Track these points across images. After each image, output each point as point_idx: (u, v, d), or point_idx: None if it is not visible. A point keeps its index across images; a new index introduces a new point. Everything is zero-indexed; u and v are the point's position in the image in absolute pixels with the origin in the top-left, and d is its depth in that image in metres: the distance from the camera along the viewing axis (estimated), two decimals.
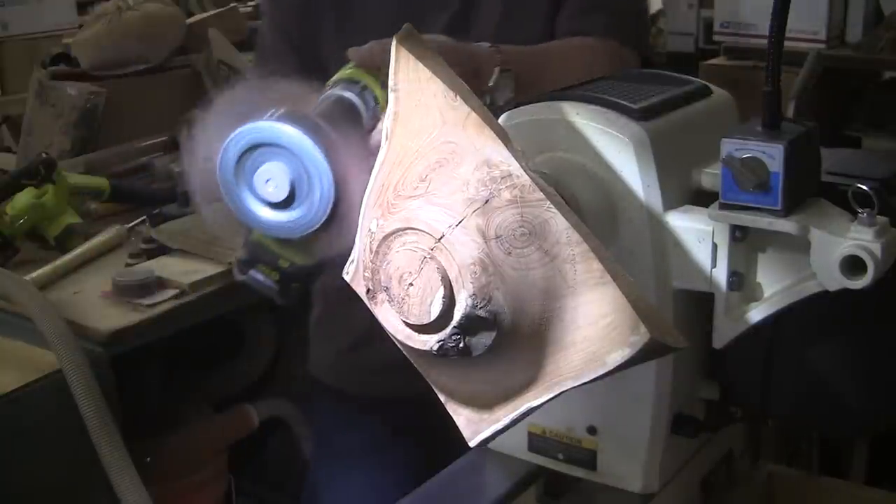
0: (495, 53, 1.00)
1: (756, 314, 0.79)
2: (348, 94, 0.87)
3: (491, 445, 0.91)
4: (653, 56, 1.26)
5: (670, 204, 0.80)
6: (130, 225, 1.84)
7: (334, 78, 0.90)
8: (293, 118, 0.77)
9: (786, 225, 0.74)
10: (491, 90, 0.98)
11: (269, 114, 0.78)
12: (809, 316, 0.78)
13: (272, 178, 0.77)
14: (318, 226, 0.77)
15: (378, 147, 0.71)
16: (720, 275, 0.79)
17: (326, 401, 1.36)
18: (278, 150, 0.77)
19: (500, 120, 0.84)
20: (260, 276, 0.89)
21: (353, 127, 0.83)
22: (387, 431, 1.29)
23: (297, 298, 0.87)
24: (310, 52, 1.22)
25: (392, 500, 0.94)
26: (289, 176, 0.76)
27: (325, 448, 1.39)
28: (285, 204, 0.77)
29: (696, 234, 0.79)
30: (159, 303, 1.57)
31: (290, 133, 0.76)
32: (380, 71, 0.88)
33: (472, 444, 0.69)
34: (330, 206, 0.76)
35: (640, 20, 1.25)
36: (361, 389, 1.26)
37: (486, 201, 0.63)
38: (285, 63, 1.23)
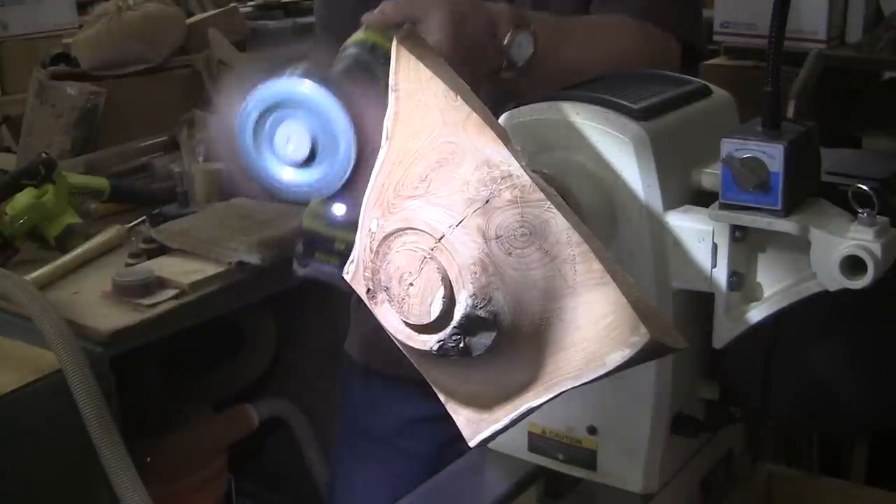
0: (511, 11, 0.98)
1: (756, 314, 0.79)
2: (360, 54, 0.85)
3: (491, 445, 0.91)
4: (706, 49, 1.21)
5: (670, 204, 0.80)
6: (130, 225, 1.84)
7: (344, 44, 0.88)
8: (310, 74, 0.75)
9: (786, 225, 0.74)
10: (507, 48, 0.96)
11: (286, 73, 0.76)
12: (809, 316, 0.78)
13: (292, 137, 0.75)
14: (341, 184, 0.75)
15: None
16: (720, 275, 0.79)
17: (356, 379, 1.37)
18: (297, 108, 0.75)
19: (500, 120, 0.84)
20: (321, 265, 0.87)
21: (369, 82, 0.81)
22: (409, 418, 1.29)
23: None
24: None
25: (406, 488, 0.94)
26: (309, 133, 0.75)
27: (349, 427, 1.40)
28: (307, 163, 0.76)
29: (696, 234, 0.79)
30: (159, 303, 1.57)
31: (307, 88, 0.74)
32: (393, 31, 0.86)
33: (472, 444, 0.69)
34: (353, 162, 0.74)
35: (686, 7, 1.21)
36: (387, 368, 1.27)
37: (487, 201, 0.63)
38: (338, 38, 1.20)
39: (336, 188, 0.76)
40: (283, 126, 0.76)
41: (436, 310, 0.63)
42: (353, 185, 0.76)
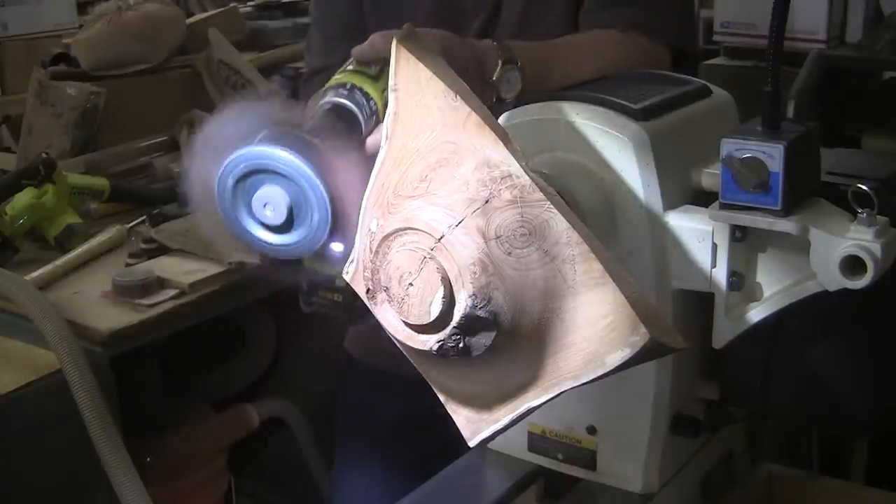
0: (498, 48, 1.00)
1: (756, 314, 0.79)
2: (340, 100, 0.85)
3: (491, 445, 0.91)
4: (699, 53, 1.21)
5: (670, 204, 0.81)
6: (130, 225, 1.83)
7: (324, 87, 0.88)
8: (283, 140, 0.76)
9: (786, 225, 0.74)
10: (495, 84, 0.97)
11: (259, 136, 0.76)
12: (809, 316, 0.78)
13: (269, 203, 0.76)
14: (319, 245, 0.76)
15: (377, 148, 0.71)
16: (720, 275, 0.79)
17: (354, 376, 1.38)
18: (273, 174, 0.75)
19: (500, 120, 0.84)
20: (324, 302, 0.90)
21: (349, 133, 0.82)
22: (406, 415, 1.30)
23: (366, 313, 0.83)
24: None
25: (403, 485, 0.94)
26: (286, 199, 0.75)
27: (348, 424, 1.41)
28: (285, 227, 0.77)
29: (696, 234, 0.79)
30: (159, 303, 1.56)
31: (281, 157, 0.75)
32: (379, 65, 0.87)
33: (471, 443, 0.69)
34: (329, 224, 0.75)
35: (675, 14, 1.21)
36: (384, 365, 1.27)
37: (487, 201, 0.63)
38: (329, 63, 1.21)
39: (316, 248, 0.77)
40: (260, 191, 0.76)
41: (435, 310, 0.63)
42: (343, 230, 0.76)
